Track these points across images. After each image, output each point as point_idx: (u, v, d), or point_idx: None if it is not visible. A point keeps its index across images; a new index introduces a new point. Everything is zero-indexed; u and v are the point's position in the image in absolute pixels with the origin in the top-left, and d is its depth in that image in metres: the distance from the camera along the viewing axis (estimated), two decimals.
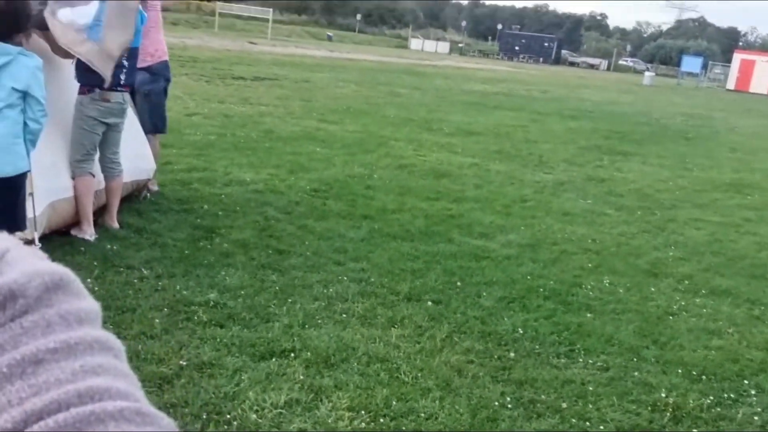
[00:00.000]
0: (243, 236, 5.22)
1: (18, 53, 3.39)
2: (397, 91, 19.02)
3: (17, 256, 0.46)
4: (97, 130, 4.71)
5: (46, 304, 0.43)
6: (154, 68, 5.78)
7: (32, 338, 0.42)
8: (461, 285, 4.76)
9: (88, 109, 4.62)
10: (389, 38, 67.52)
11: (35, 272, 0.44)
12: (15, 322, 0.42)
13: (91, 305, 0.46)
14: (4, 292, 0.43)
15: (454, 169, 8.85)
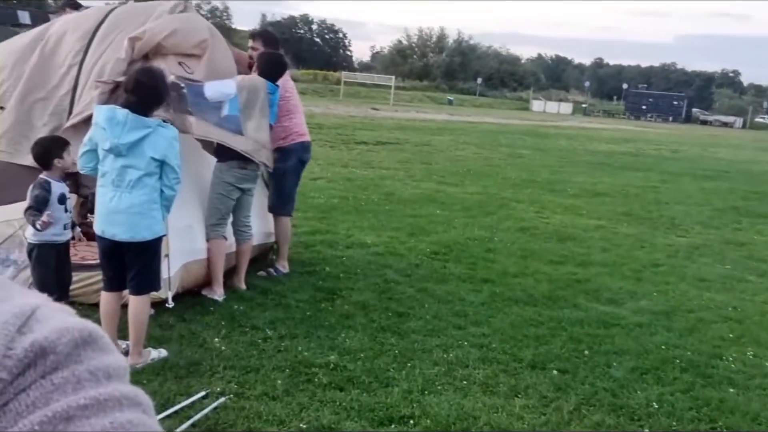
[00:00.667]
0: (363, 298, 5.24)
1: (157, 125, 3.61)
2: (519, 152, 18.87)
3: (47, 313, 0.46)
4: (233, 195, 4.94)
5: (76, 360, 0.44)
6: (285, 148, 5.63)
7: (63, 395, 0.42)
8: (589, 354, 4.52)
9: (226, 176, 4.87)
10: (510, 100, 67.63)
11: (65, 328, 0.45)
12: (46, 378, 0.43)
13: (119, 361, 0.47)
14: (35, 349, 0.43)
15: (579, 232, 8.57)
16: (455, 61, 74.78)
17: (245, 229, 5.16)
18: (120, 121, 3.55)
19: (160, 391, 3.53)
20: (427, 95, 58.90)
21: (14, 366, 0.43)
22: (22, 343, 0.43)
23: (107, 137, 3.58)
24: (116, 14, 5.01)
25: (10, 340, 0.43)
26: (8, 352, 0.43)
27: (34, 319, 0.45)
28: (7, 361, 0.43)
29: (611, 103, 77.32)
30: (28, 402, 0.42)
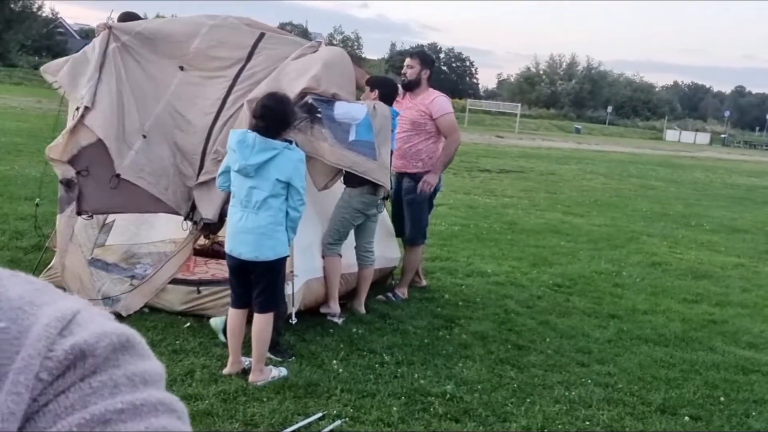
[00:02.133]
0: (482, 328, 5.14)
1: (284, 148, 3.73)
2: (650, 183, 18.08)
3: (88, 317, 0.47)
4: (357, 220, 5.03)
5: (114, 365, 0.45)
6: (418, 176, 5.58)
7: (100, 398, 0.43)
8: (725, 401, 4.20)
9: (355, 201, 4.95)
10: (642, 130, 65.11)
11: (104, 333, 0.46)
12: (84, 381, 0.44)
13: (155, 367, 0.48)
14: (75, 351, 0.45)
15: (716, 270, 8.05)
16: (585, 89, 73.02)
17: (368, 255, 5.22)
18: (249, 144, 3.69)
19: (278, 409, 3.59)
20: (554, 123, 57.82)
21: (55, 367, 0.44)
22: (63, 345, 0.45)
23: (237, 159, 3.73)
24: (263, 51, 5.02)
25: (51, 342, 0.45)
26: (49, 354, 0.44)
27: (75, 323, 0.47)
28: (48, 362, 0.44)
29: (753, 133, 72.77)
30: (67, 404, 0.43)
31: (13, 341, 0.44)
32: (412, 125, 5.57)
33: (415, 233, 5.71)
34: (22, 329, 0.45)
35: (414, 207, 5.67)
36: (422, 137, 5.60)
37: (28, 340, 0.45)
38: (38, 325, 0.45)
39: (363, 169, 4.70)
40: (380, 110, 4.86)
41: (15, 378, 0.43)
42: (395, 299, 5.58)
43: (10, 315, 0.46)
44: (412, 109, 5.56)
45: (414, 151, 5.59)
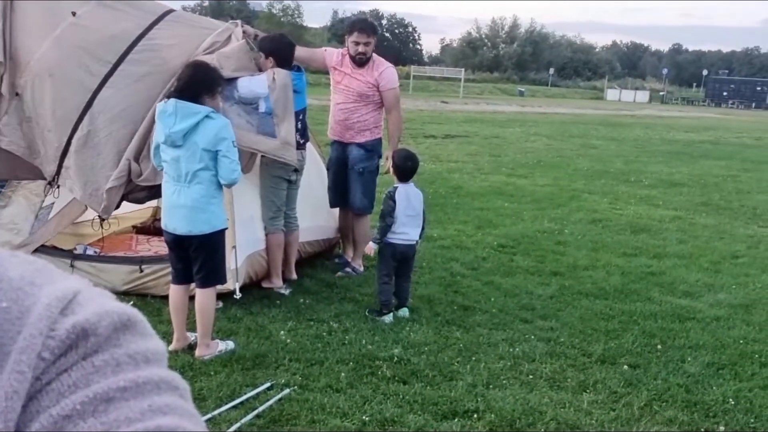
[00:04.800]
0: (428, 292, 5.22)
1: (205, 115, 3.66)
2: (592, 143, 18.42)
3: (88, 297, 0.48)
4: (282, 186, 4.96)
5: (115, 344, 0.46)
6: (368, 145, 5.59)
7: (103, 377, 0.44)
8: (662, 348, 4.37)
9: (273, 169, 4.89)
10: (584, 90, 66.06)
11: (105, 312, 0.46)
12: (87, 360, 0.44)
13: (157, 345, 0.48)
14: (77, 330, 0.45)
15: (654, 223, 8.29)
16: (527, 52, 73.57)
17: (292, 221, 5.13)
18: (170, 112, 3.63)
19: (226, 382, 3.60)
20: (497, 87, 58.19)
21: (57, 347, 0.44)
22: (65, 324, 0.45)
23: (161, 129, 3.67)
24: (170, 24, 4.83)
25: (53, 321, 0.45)
26: (51, 333, 0.44)
27: (76, 302, 0.47)
28: (50, 341, 0.44)
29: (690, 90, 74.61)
30: (70, 382, 0.43)
31: (14, 321, 0.44)
32: (360, 96, 5.47)
33: (368, 202, 5.68)
34: (24, 309, 0.45)
35: (366, 176, 5.63)
36: (370, 108, 5.53)
37: (30, 320, 0.45)
38: (39, 304, 0.46)
39: (264, 148, 4.63)
40: (278, 80, 4.68)
41: (17, 357, 0.43)
42: (355, 273, 5.56)
43: (11, 295, 0.46)
44: (358, 80, 5.44)
45: (362, 122, 5.52)
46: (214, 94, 3.83)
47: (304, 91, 5.10)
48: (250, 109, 4.65)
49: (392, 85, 5.54)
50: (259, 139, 4.64)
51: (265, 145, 4.65)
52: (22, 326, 0.44)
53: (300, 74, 5.02)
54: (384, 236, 4.63)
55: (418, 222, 4.74)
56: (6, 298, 0.45)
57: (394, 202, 4.61)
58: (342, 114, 5.50)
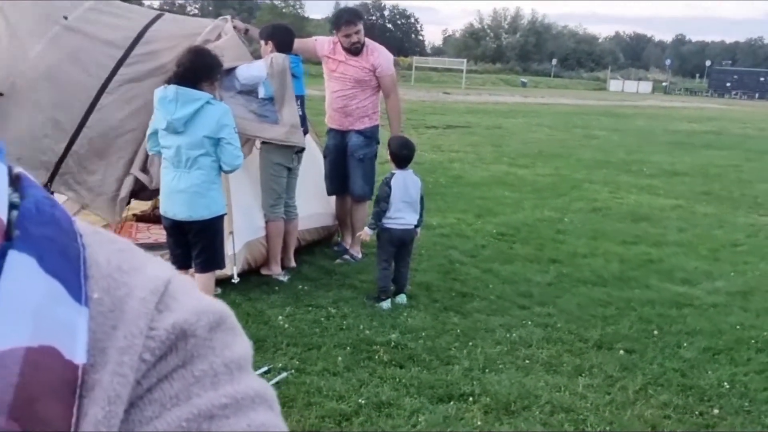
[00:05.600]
0: (427, 279, 5.24)
1: (206, 101, 3.68)
2: (594, 133, 18.39)
3: (179, 288, 0.46)
4: (283, 174, 4.98)
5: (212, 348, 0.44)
6: (368, 132, 5.62)
7: (203, 389, 0.43)
8: (659, 334, 4.39)
9: (273, 156, 4.91)
10: (587, 81, 65.89)
11: (202, 310, 0.45)
12: (187, 369, 0.43)
13: (246, 347, 0.47)
14: (177, 331, 0.43)
15: (654, 212, 8.30)
16: (529, 42, 73.43)
17: (291, 209, 5.15)
18: (171, 98, 3.65)
19: None
20: (500, 78, 58.07)
21: (157, 348, 0.42)
22: (163, 323, 0.43)
23: (162, 116, 3.69)
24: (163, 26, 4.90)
25: (150, 319, 0.43)
26: (150, 333, 0.42)
27: (169, 295, 0.45)
28: (150, 342, 0.42)
29: (694, 81, 74.37)
30: (172, 393, 0.42)
31: (108, 314, 0.42)
32: (357, 83, 5.49)
33: (368, 189, 5.69)
34: (116, 301, 0.43)
35: (366, 163, 5.65)
36: (367, 93, 5.55)
37: (127, 315, 0.42)
38: (134, 298, 0.43)
39: (271, 135, 4.68)
40: (276, 64, 4.72)
41: (119, 359, 0.41)
42: (354, 260, 5.58)
43: (102, 284, 0.43)
44: (355, 66, 5.47)
45: (361, 108, 5.54)
46: (213, 81, 3.85)
47: (302, 77, 5.12)
48: (250, 98, 4.68)
49: (390, 70, 5.57)
50: (264, 127, 4.67)
51: (272, 132, 4.69)
52: (117, 321, 0.42)
53: (297, 59, 5.04)
54: (378, 221, 4.65)
55: (416, 208, 4.75)
56: (97, 287, 0.42)
57: (390, 188, 4.62)
58: (340, 101, 5.51)
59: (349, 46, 5.43)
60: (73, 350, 0.39)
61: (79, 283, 0.41)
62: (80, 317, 0.40)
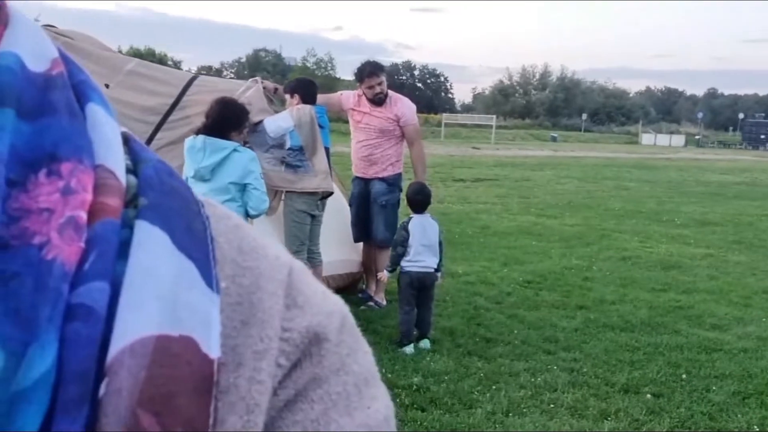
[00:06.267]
0: (451, 324, 5.22)
1: (233, 149, 3.81)
2: (624, 184, 18.31)
3: (301, 278, 0.42)
4: (306, 221, 5.06)
5: (339, 356, 0.41)
6: (391, 179, 5.73)
7: (339, 415, 0.39)
8: (687, 378, 4.30)
9: (297, 204, 5.00)
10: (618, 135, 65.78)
11: (330, 311, 0.42)
12: (323, 389, 0.39)
13: (368, 355, 0.44)
14: (310, 335, 0.39)
15: (685, 261, 8.19)
16: (559, 98, 73.88)
17: (315, 255, 5.22)
18: (199, 147, 3.78)
19: None
20: (530, 133, 58.31)
21: (291, 352, 0.39)
22: (297, 325, 0.39)
23: (190, 164, 3.81)
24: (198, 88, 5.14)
25: (281, 317, 0.39)
26: (284, 335, 0.39)
27: (294, 287, 0.41)
28: (285, 345, 0.38)
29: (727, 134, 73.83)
30: (313, 417, 0.38)
31: (236, 307, 0.38)
32: (381, 132, 5.64)
33: (390, 234, 5.73)
34: (242, 291, 0.38)
35: (388, 209, 5.74)
36: (392, 142, 5.68)
37: (257, 312, 0.38)
38: (263, 291, 0.39)
39: (305, 185, 4.81)
40: (303, 114, 4.86)
41: (256, 364, 0.37)
42: (378, 307, 5.60)
43: (226, 270, 0.38)
44: (379, 117, 5.62)
45: (385, 156, 5.67)
46: (241, 130, 3.99)
47: (327, 128, 5.26)
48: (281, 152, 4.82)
49: (413, 120, 5.71)
50: (299, 178, 4.80)
51: (307, 182, 4.82)
52: (247, 317, 0.38)
53: (323, 110, 5.19)
54: (395, 265, 4.68)
55: (435, 251, 4.78)
56: (222, 274, 0.38)
57: (407, 232, 4.68)
58: (365, 150, 5.63)
59: (373, 96, 5.57)
60: (209, 343, 0.34)
61: (209, 266, 0.37)
62: (213, 306, 0.36)
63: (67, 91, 0.36)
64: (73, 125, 0.35)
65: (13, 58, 0.34)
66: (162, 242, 0.35)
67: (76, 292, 0.32)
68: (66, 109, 0.35)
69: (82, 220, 0.33)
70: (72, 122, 0.35)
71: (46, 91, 0.35)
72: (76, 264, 0.32)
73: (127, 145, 0.39)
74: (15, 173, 0.32)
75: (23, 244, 0.31)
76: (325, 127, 5.20)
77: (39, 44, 0.36)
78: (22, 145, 0.33)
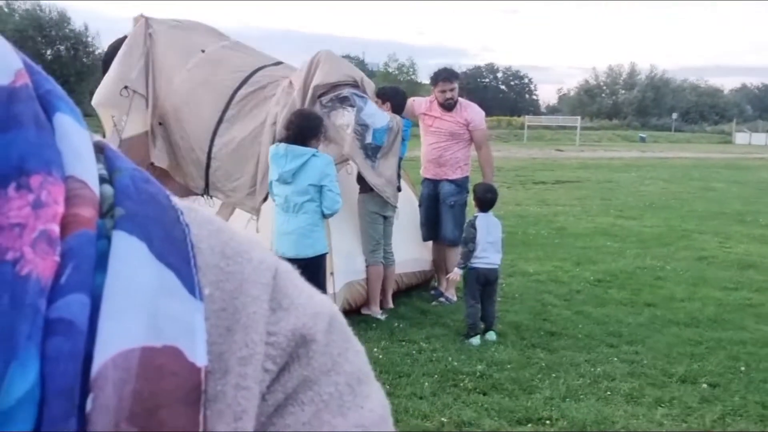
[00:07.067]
0: (518, 318, 5.48)
1: (312, 155, 4.25)
2: (712, 185, 17.86)
3: (285, 277, 0.42)
4: (379, 221, 5.45)
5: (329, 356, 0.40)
6: (459, 181, 6.08)
7: (331, 416, 0.39)
8: (745, 370, 4.42)
9: (369, 205, 5.40)
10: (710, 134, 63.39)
11: (316, 312, 0.41)
12: (314, 390, 0.39)
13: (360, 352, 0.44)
14: (296, 338, 0.39)
15: (764, 260, 8.11)
16: (648, 97, 71.82)
17: (388, 255, 5.61)
18: (282, 154, 4.24)
19: None
20: (617, 134, 56.97)
21: (278, 356, 0.39)
22: (282, 328, 0.39)
23: (274, 169, 4.27)
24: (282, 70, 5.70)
25: (266, 321, 0.39)
26: (270, 339, 0.38)
27: (279, 289, 0.40)
28: (271, 350, 0.38)
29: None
30: (304, 419, 0.38)
31: (220, 313, 0.37)
32: (451, 136, 5.99)
33: (459, 233, 6.04)
34: (226, 297, 0.38)
35: (456, 209, 6.07)
36: (461, 145, 6.03)
37: (242, 317, 0.38)
38: (246, 295, 0.39)
39: (368, 174, 5.18)
40: (397, 125, 5.30)
41: (241, 370, 0.37)
42: (448, 302, 5.94)
43: (210, 276, 0.38)
44: (449, 121, 5.98)
45: (455, 159, 6.02)
46: (318, 137, 4.44)
47: (407, 140, 5.68)
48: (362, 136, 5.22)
49: (482, 125, 6.04)
50: (367, 165, 5.19)
51: (372, 175, 5.20)
52: (231, 322, 0.38)
53: (409, 124, 5.62)
54: (467, 261, 4.98)
55: (498, 248, 5.06)
56: (206, 280, 0.38)
57: (475, 229, 4.97)
58: (435, 152, 5.98)
59: (443, 101, 5.93)
60: (194, 351, 0.34)
61: (190, 273, 0.37)
62: (197, 314, 0.36)
63: (33, 102, 0.35)
64: (40, 137, 0.34)
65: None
66: (140, 252, 0.35)
67: (55, 306, 0.31)
68: (32, 121, 0.34)
69: (55, 234, 0.33)
70: (39, 134, 0.34)
71: (10, 105, 0.34)
72: (52, 278, 0.32)
73: (102, 154, 0.39)
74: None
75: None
76: (406, 140, 5.62)
77: (2, 57, 0.35)
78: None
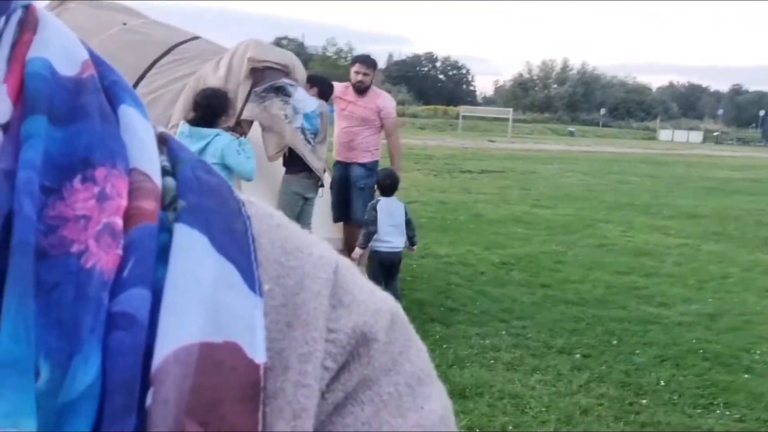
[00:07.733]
0: (422, 296, 5.87)
1: (214, 135, 4.47)
2: (627, 179, 18.78)
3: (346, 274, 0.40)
4: (299, 203, 5.72)
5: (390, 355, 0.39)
6: (369, 165, 6.36)
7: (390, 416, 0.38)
8: (617, 344, 4.92)
9: (294, 186, 5.66)
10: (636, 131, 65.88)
11: (377, 309, 0.40)
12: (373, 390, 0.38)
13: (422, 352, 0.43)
14: (357, 335, 0.38)
15: (659, 249, 8.75)
16: (578, 92, 74.03)
17: None
18: (187, 135, 4.45)
19: None
20: (548, 127, 58.60)
21: (338, 354, 0.37)
22: (343, 325, 0.37)
23: None
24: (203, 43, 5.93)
25: (327, 318, 0.37)
26: (330, 336, 0.37)
27: (339, 286, 0.39)
28: (331, 347, 0.37)
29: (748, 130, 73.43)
30: (363, 419, 0.37)
31: (280, 309, 0.36)
32: (363, 121, 6.31)
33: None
34: (286, 293, 0.37)
35: (366, 192, 6.39)
36: (371, 131, 6.35)
37: (302, 313, 0.36)
38: (306, 291, 0.37)
39: (308, 158, 5.45)
40: (325, 111, 5.60)
41: (301, 367, 0.35)
42: None
43: (270, 272, 0.37)
44: (362, 107, 6.29)
45: (365, 144, 6.34)
46: (227, 114, 4.67)
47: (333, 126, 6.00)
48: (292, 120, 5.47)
49: (393, 114, 6.39)
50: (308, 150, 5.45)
51: (314, 162, 5.47)
52: (292, 318, 0.36)
53: (332, 109, 5.92)
54: (366, 242, 5.32)
55: (402, 231, 5.41)
56: (266, 276, 0.37)
57: (376, 212, 5.30)
58: (346, 136, 6.30)
59: (354, 82, 6.26)
60: (254, 348, 0.33)
61: (251, 268, 0.36)
62: (257, 309, 0.35)
63: (99, 94, 0.36)
64: (105, 129, 0.35)
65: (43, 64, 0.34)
66: (201, 246, 0.34)
67: (117, 300, 0.31)
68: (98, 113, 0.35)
69: (119, 227, 0.33)
70: (104, 126, 0.35)
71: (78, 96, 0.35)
72: (115, 271, 0.32)
73: (165, 146, 0.39)
74: (50, 180, 0.32)
75: (62, 253, 0.31)
76: (330, 124, 5.94)
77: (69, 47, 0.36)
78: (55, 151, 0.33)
